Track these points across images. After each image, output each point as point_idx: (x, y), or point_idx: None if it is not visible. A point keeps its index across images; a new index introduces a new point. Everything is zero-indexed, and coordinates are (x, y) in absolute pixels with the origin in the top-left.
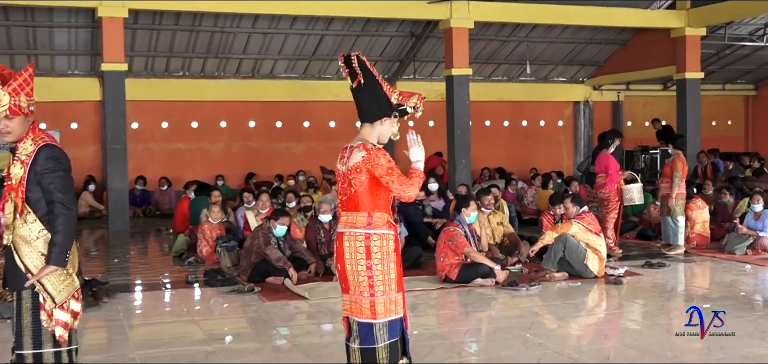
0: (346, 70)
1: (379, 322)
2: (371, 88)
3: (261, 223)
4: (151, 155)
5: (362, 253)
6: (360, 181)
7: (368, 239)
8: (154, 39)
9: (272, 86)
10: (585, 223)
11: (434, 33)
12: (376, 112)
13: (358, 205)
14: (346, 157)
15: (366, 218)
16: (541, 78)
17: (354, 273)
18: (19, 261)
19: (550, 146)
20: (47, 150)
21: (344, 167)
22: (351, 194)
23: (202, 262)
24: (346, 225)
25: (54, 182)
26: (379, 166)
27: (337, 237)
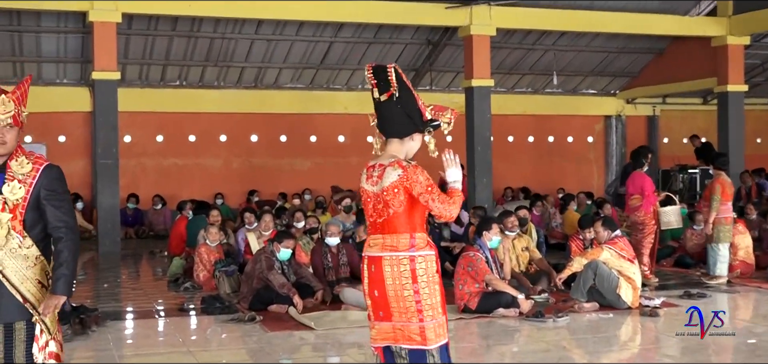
0: (374, 82)
1: (432, 348)
2: (405, 101)
3: (263, 246)
4: (144, 171)
5: (408, 277)
6: (399, 201)
7: (413, 261)
8: (149, 46)
9: (276, 97)
10: (617, 248)
11: (453, 40)
12: (407, 127)
13: (397, 227)
14: (375, 175)
15: (408, 240)
16: (569, 90)
17: (399, 299)
18: (13, 290)
19: (579, 164)
20: (53, 171)
21: (376, 187)
22: (388, 216)
23: (199, 288)
24: (384, 248)
25: (62, 205)
26: (418, 184)
27: (372, 262)
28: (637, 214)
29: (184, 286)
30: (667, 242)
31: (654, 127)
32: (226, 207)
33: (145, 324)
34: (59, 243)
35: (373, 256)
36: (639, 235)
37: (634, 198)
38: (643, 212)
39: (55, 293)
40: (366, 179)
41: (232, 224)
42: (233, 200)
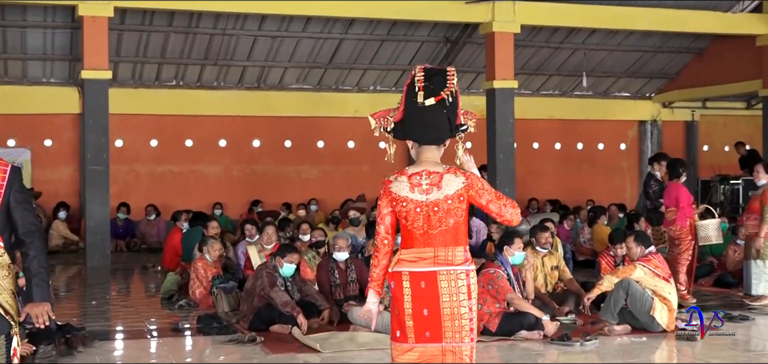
0: (422, 85)
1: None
2: (453, 106)
3: (265, 260)
4: (137, 178)
5: (465, 293)
6: (461, 210)
7: (469, 276)
8: (143, 42)
9: (281, 99)
10: (652, 266)
11: (473, 38)
12: (447, 132)
13: (455, 239)
14: (426, 183)
15: (463, 253)
16: (600, 93)
17: (456, 317)
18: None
19: (610, 174)
20: (18, 172)
21: (431, 196)
22: (448, 227)
23: (196, 305)
24: (438, 262)
25: (30, 208)
26: (486, 192)
27: (422, 278)
28: (672, 228)
29: (178, 303)
30: (706, 260)
31: (693, 134)
32: (226, 218)
33: (136, 345)
34: (31, 247)
35: (424, 272)
36: (675, 251)
37: (670, 211)
38: (678, 225)
39: (40, 300)
40: (415, 188)
41: (232, 237)
42: (233, 211)
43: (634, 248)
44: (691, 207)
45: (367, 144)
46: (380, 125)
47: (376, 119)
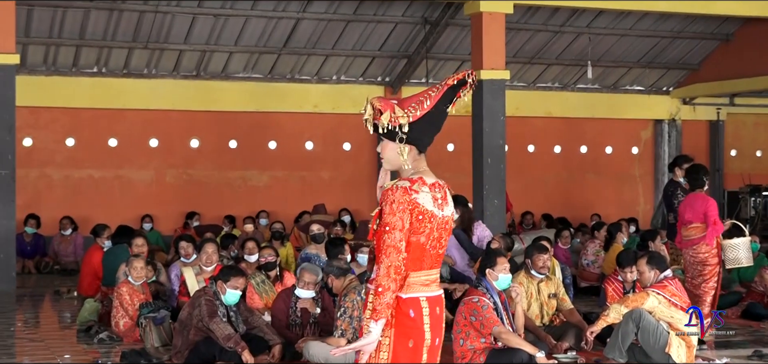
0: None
1: None
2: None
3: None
4: (49, 185)
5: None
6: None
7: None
8: (57, 21)
9: (225, 90)
10: (667, 294)
11: (457, 19)
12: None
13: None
14: (440, 197)
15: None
16: (609, 86)
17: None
18: None
19: (620, 183)
20: None
21: (444, 212)
22: (443, 247)
23: (119, 339)
24: (439, 285)
25: None
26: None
27: (436, 303)
28: (697, 248)
29: (98, 336)
30: (733, 287)
31: (718, 135)
32: (156, 234)
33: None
34: None
35: (437, 296)
36: (698, 277)
37: (694, 227)
38: (705, 245)
39: None
40: (431, 202)
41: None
42: (166, 225)
43: (647, 272)
44: (721, 223)
45: (328, 145)
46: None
47: (387, 109)
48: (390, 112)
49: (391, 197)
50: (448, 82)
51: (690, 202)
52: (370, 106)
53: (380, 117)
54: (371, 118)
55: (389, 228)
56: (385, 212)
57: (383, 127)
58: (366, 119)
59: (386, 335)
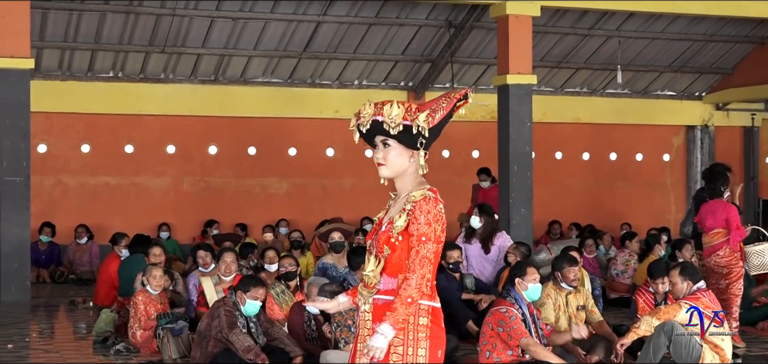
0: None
1: None
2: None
3: (224, 295)
4: (64, 193)
5: None
6: None
7: None
8: (73, 24)
9: (243, 95)
10: (701, 306)
11: (482, 22)
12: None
13: None
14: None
15: None
16: (639, 91)
17: None
18: None
19: (651, 191)
20: None
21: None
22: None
23: (136, 350)
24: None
25: None
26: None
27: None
28: (720, 255)
29: (115, 348)
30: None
31: (752, 142)
32: (174, 242)
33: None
34: None
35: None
36: (723, 281)
37: (716, 233)
38: (728, 250)
39: None
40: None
41: (182, 266)
42: (183, 234)
43: (680, 283)
44: (743, 229)
45: (350, 153)
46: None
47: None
48: (427, 113)
49: (425, 207)
50: (455, 96)
51: (711, 209)
52: (397, 106)
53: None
54: (367, 119)
55: (425, 239)
56: (420, 222)
57: (415, 127)
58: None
59: (422, 346)
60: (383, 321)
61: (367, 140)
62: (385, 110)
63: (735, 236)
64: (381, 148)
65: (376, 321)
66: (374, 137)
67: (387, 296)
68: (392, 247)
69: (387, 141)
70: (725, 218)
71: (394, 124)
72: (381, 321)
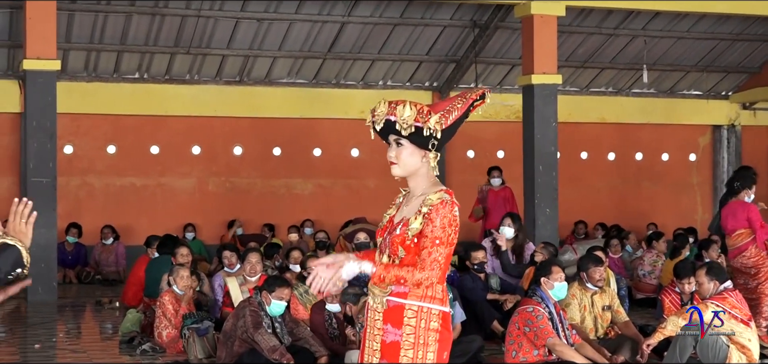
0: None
1: None
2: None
3: (249, 296)
4: (91, 194)
5: None
6: None
7: None
8: (99, 26)
9: (268, 96)
10: (728, 306)
11: (507, 22)
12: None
13: None
14: None
15: None
16: (665, 91)
17: None
18: None
19: (678, 191)
20: None
21: None
22: None
23: (162, 350)
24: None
25: None
26: None
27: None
28: (746, 255)
29: (141, 348)
30: None
31: None
32: (199, 243)
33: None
34: None
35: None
36: (752, 281)
37: (739, 234)
38: (754, 250)
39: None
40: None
41: (207, 266)
42: (209, 234)
43: (706, 283)
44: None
45: (375, 153)
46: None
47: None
48: (440, 115)
49: (442, 211)
50: (471, 96)
51: (731, 210)
52: (410, 107)
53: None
54: (380, 118)
55: (439, 242)
56: (435, 225)
57: (426, 130)
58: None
59: (431, 349)
60: (362, 260)
61: (382, 137)
62: (397, 111)
63: (760, 234)
64: (394, 146)
65: (387, 322)
66: (388, 135)
67: (400, 298)
68: (407, 249)
69: (400, 140)
70: (747, 218)
71: (406, 125)
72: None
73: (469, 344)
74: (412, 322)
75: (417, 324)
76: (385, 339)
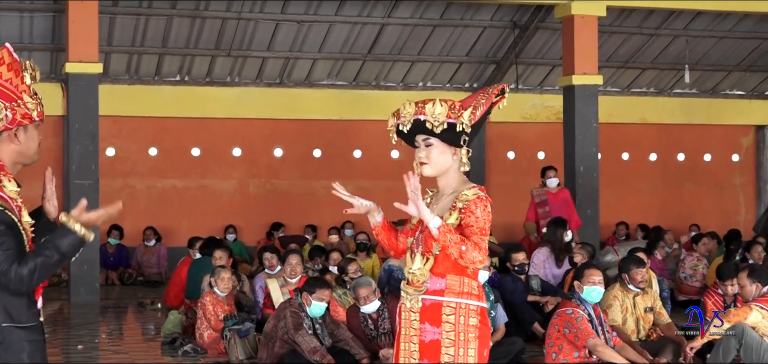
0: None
1: None
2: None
3: (289, 297)
4: (132, 196)
5: None
6: None
7: None
8: (140, 29)
9: (309, 97)
10: None
11: (547, 23)
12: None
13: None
14: None
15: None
16: (707, 91)
17: None
18: None
19: (720, 192)
20: None
21: None
22: None
23: (204, 351)
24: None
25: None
26: None
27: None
28: None
29: (182, 349)
30: None
31: None
32: (240, 244)
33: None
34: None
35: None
36: None
37: None
38: None
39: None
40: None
41: (248, 268)
42: (250, 235)
43: (749, 285)
44: None
45: (413, 154)
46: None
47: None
48: (471, 111)
49: (480, 205)
50: (493, 92)
51: None
52: (441, 104)
53: (458, 115)
54: (408, 119)
55: (483, 234)
56: (477, 216)
57: (459, 125)
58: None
59: (471, 346)
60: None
61: (407, 140)
62: (427, 109)
63: None
64: (423, 147)
65: (424, 321)
66: (415, 137)
67: (436, 296)
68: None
69: (429, 140)
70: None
71: (438, 122)
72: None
73: (510, 346)
74: (451, 319)
75: (456, 321)
76: (424, 338)
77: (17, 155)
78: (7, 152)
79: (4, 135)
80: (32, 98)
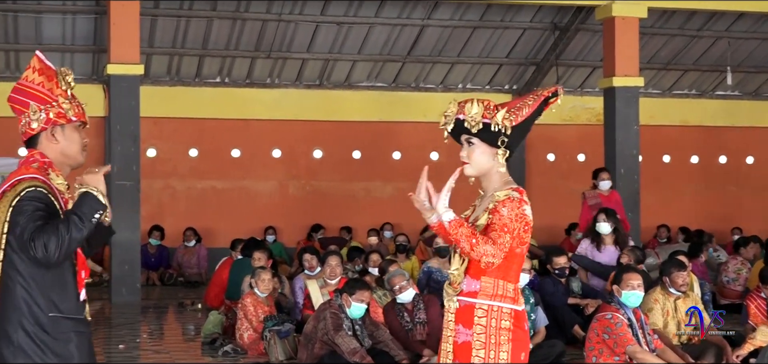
0: (548, 105)
1: None
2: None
3: (329, 298)
4: (173, 196)
5: None
6: None
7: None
8: (181, 31)
9: (348, 99)
10: None
11: (587, 24)
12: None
13: None
14: None
15: None
16: (750, 93)
17: None
18: None
19: (764, 194)
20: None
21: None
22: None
23: (244, 352)
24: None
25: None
26: None
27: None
28: None
29: (223, 349)
30: None
31: None
32: (280, 246)
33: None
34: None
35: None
36: None
37: None
38: None
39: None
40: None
41: (288, 269)
42: (289, 237)
43: None
44: None
45: (454, 156)
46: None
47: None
48: (508, 111)
49: (509, 205)
50: (543, 93)
51: None
52: (477, 104)
53: (493, 115)
54: (451, 118)
55: (506, 230)
56: (502, 214)
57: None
58: (448, 118)
59: (504, 349)
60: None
61: (455, 138)
62: (466, 108)
63: None
64: (466, 146)
65: (458, 323)
66: (459, 136)
67: (470, 297)
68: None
69: (471, 139)
70: None
71: (474, 122)
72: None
73: (551, 348)
74: (482, 321)
75: (487, 323)
76: (457, 340)
77: (60, 155)
78: (51, 152)
79: (43, 136)
80: (68, 100)
